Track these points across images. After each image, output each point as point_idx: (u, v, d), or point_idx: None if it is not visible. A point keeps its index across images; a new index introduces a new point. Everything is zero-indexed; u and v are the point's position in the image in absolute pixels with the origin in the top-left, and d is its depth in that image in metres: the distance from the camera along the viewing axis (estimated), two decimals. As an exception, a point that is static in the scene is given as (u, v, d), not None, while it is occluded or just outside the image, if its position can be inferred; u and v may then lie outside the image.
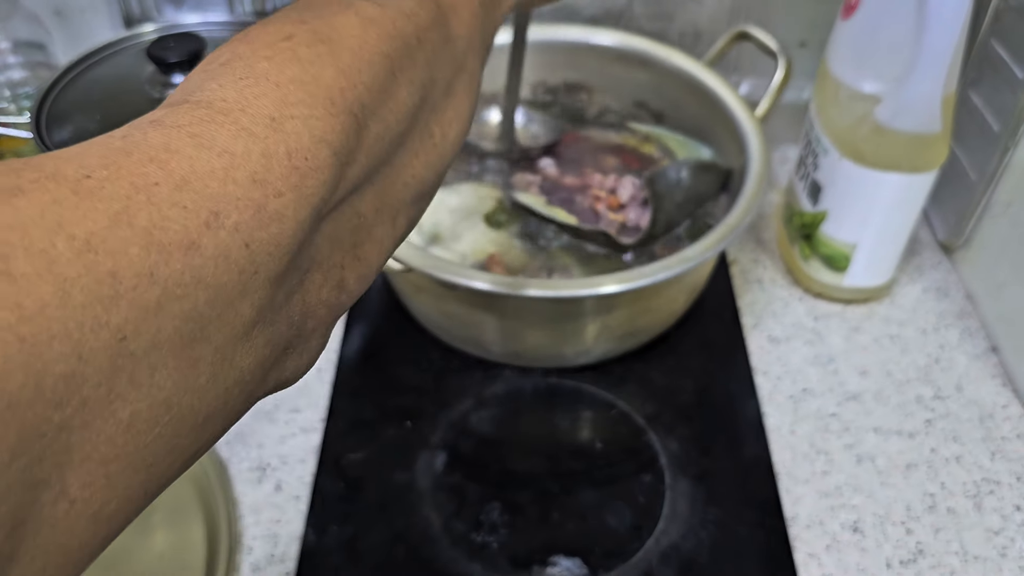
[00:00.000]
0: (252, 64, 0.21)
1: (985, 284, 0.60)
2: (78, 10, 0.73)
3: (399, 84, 0.24)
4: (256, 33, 0.23)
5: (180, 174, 0.17)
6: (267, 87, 0.20)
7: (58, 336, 0.14)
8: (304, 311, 0.22)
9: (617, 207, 0.58)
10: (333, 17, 0.23)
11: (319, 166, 0.20)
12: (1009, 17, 0.56)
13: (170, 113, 0.19)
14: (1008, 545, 0.47)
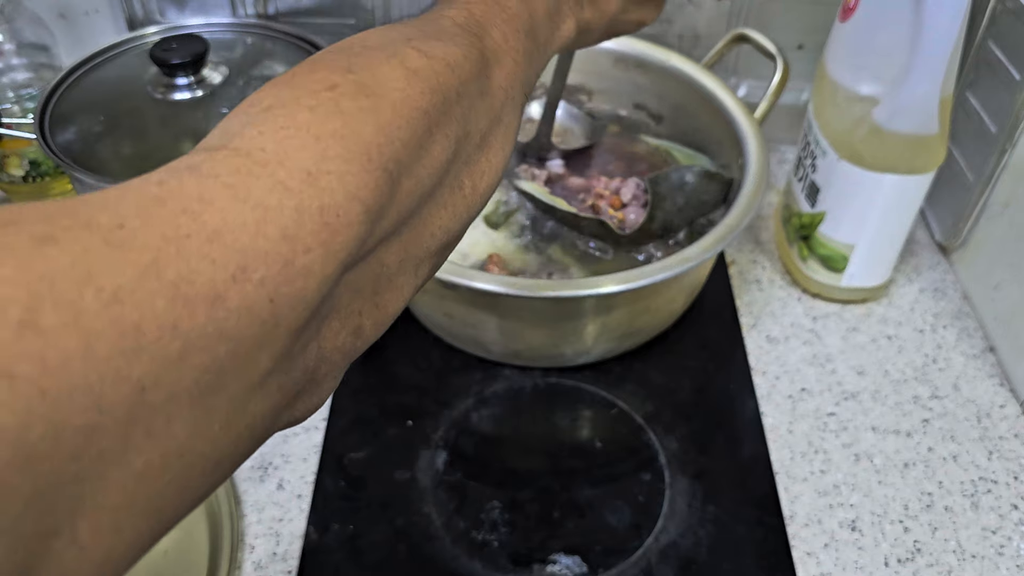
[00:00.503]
0: (294, 113, 0.21)
1: (982, 284, 0.60)
2: (82, 12, 0.74)
3: (435, 140, 0.24)
4: (302, 78, 0.22)
5: (212, 226, 0.17)
6: (307, 139, 0.20)
7: (79, 389, 0.14)
8: (319, 357, 0.22)
9: (619, 206, 0.59)
10: (379, 67, 0.23)
11: (350, 222, 0.20)
12: (1006, 19, 0.56)
13: (208, 160, 0.19)
14: (1005, 544, 0.48)
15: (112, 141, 0.59)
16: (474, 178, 0.27)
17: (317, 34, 0.67)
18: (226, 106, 0.60)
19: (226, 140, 0.20)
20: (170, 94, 0.60)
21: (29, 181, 0.65)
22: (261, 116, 0.21)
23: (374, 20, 0.71)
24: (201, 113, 0.60)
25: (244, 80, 0.62)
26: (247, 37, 0.68)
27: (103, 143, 0.58)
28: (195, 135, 0.59)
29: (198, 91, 0.60)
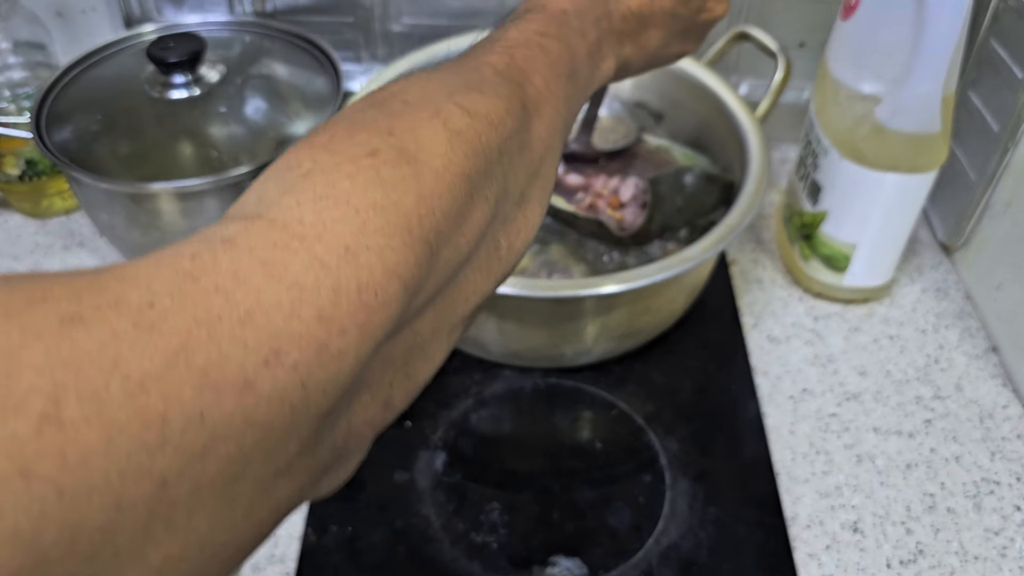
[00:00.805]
0: (334, 182, 0.20)
1: (985, 284, 0.60)
2: (78, 10, 0.73)
3: (475, 204, 0.23)
4: (342, 142, 0.21)
5: (245, 307, 0.17)
6: (346, 211, 0.19)
7: (98, 487, 0.14)
8: (348, 432, 0.21)
9: (617, 206, 0.58)
10: (420, 128, 0.22)
11: (388, 301, 0.19)
12: (1008, 17, 0.56)
13: (244, 231, 0.18)
14: (1008, 545, 0.47)
15: (109, 140, 0.58)
16: (510, 237, 0.26)
17: (315, 32, 0.67)
18: (224, 105, 0.60)
19: (262, 208, 0.19)
20: (167, 93, 0.60)
21: (25, 180, 0.64)
22: (299, 183, 0.20)
23: (372, 18, 0.70)
24: (198, 112, 0.59)
25: (242, 79, 0.62)
26: (245, 35, 0.67)
27: (100, 142, 0.58)
28: (192, 134, 0.59)
29: (195, 90, 0.60)
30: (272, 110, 0.61)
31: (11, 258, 0.64)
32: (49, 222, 0.67)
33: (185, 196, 0.55)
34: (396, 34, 0.71)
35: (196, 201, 0.56)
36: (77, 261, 0.64)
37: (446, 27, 0.69)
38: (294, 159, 0.21)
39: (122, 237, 0.60)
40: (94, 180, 0.55)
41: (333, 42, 0.66)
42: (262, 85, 0.62)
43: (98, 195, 0.57)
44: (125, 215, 0.57)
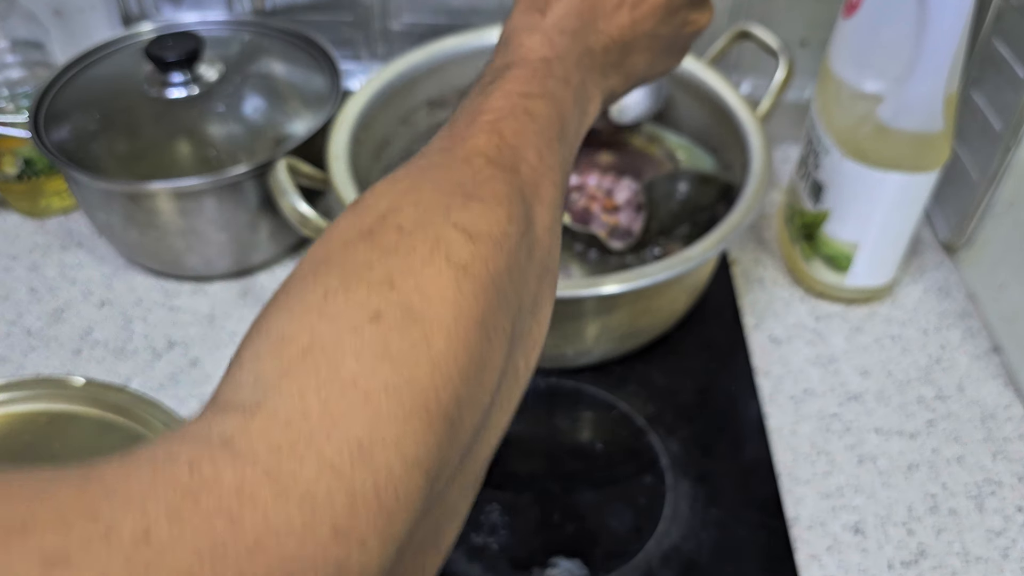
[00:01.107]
0: (338, 363, 0.18)
1: (987, 284, 0.60)
2: (76, 9, 0.73)
3: (493, 346, 0.21)
4: (337, 302, 0.19)
5: (253, 533, 0.15)
6: (355, 398, 0.17)
7: None
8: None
9: (612, 209, 0.58)
10: (422, 272, 0.20)
11: (410, 496, 0.17)
12: (1011, 16, 0.56)
13: (243, 431, 0.17)
14: (1010, 546, 0.47)
15: (107, 139, 0.58)
16: (527, 353, 0.24)
17: (314, 30, 0.66)
18: (222, 104, 0.59)
19: (260, 394, 0.17)
20: (165, 92, 0.60)
21: (23, 179, 0.64)
22: (299, 364, 0.18)
23: (371, 17, 0.70)
24: (197, 111, 0.59)
25: (240, 77, 0.62)
26: (243, 34, 0.67)
27: (98, 141, 0.58)
28: (191, 133, 0.59)
29: (194, 88, 0.60)
30: (271, 109, 0.61)
31: (9, 258, 0.64)
32: (47, 221, 0.67)
33: (183, 195, 0.55)
34: (395, 32, 0.71)
35: (194, 200, 0.56)
36: (75, 260, 0.63)
37: (446, 25, 0.69)
38: (288, 328, 0.19)
39: (120, 236, 0.60)
40: (92, 179, 0.55)
41: (332, 40, 0.66)
42: (261, 84, 0.62)
43: (96, 194, 0.57)
44: (123, 214, 0.57)
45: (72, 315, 0.59)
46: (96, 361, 0.56)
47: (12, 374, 0.55)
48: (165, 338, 0.58)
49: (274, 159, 0.54)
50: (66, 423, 0.52)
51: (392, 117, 0.62)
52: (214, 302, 0.60)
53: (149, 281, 0.62)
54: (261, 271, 0.63)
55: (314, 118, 0.60)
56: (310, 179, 0.53)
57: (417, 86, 0.62)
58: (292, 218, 0.47)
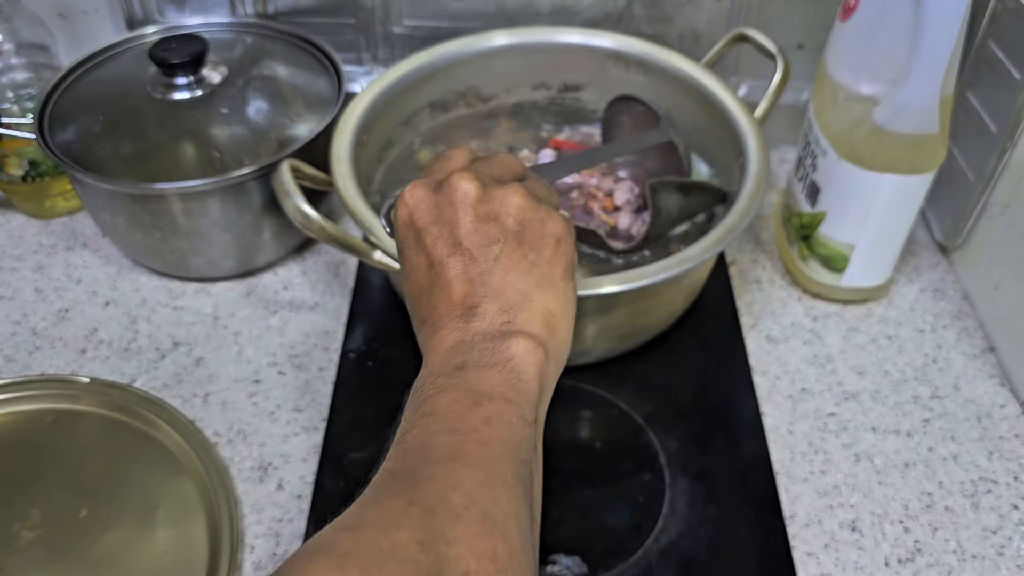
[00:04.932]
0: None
1: (982, 284, 0.60)
2: (81, 11, 0.74)
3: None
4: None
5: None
6: None
7: None
8: None
9: (611, 209, 0.58)
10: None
11: None
12: (1006, 18, 0.56)
13: None
14: (1006, 544, 0.48)
15: (111, 141, 0.59)
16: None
17: (317, 34, 0.67)
18: (226, 106, 0.60)
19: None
20: (170, 94, 0.60)
21: (28, 181, 0.65)
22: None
23: (374, 20, 0.71)
24: (201, 113, 0.60)
25: (244, 80, 0.62)
26: (247, 37, 0.68)
27: (102, 143, 0.58)
28: (195, 135, 0.59)
29: (198, 91, 0.60)
30: (274, 111, 0.61)
31: (15, 258, 0.64)
32: (52, 223, 0.67)
33: (188, 197, 0.56)
34: (397, 36, 0.71)
35: (199, 202, 0.56)
36: (80, 261, 0.64)
37: (448, 29, 0.70)
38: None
39: (125, 237, 0.61)
40: (97, 181, 0.56)
41: (334, 44, 0.67)
42: (264, 86, 0.63)
43: (101, 196, 0.58)
44: (128, 215, 0.58)
45: (77, 315, 0.60)
46: (101, 360, 0.57)
47: (18, 373, 0.56)
48: (170, 338, 0.58)
49: (277, 161, 0.54)
50: (71, 421, 0.52)
51: (394, 119, 0.62)
52: (218, 302, 0.61)
53: (154, 281, 0.62)
54: (265, 271, 0.63)
55: (317, 120, 0.60)
56: (313, 180, 0.53)
57: (419, 89, 0.63)
58: (296, 219, 0.48)
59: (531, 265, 0.36)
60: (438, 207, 0.36)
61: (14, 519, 0.47)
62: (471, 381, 0.32)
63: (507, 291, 0.35)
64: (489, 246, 0.35)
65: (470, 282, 0.35)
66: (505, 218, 0.35)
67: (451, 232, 0.35)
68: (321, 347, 0.58)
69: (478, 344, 0.34)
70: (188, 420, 0.51)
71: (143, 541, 0.47)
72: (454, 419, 0.31)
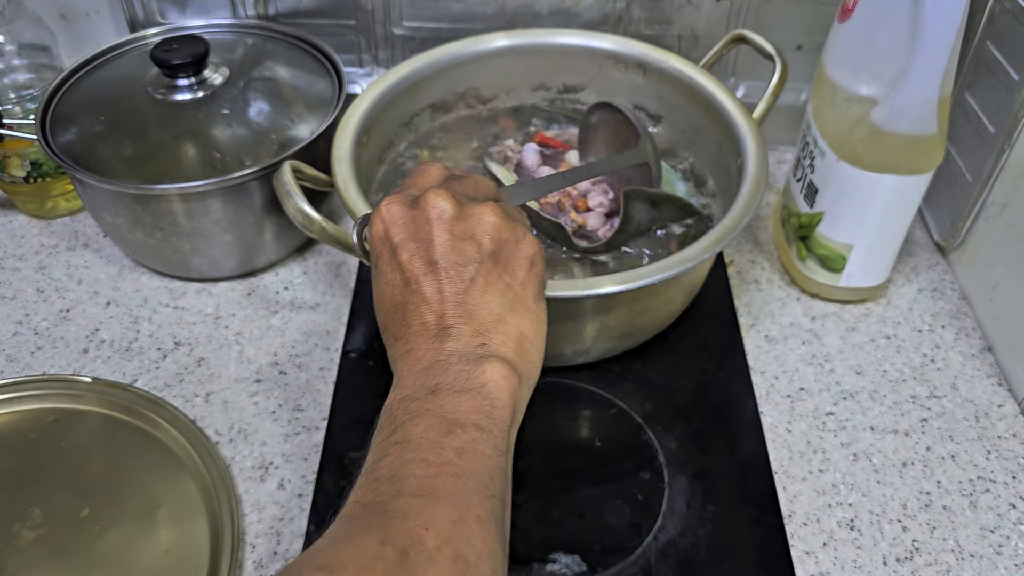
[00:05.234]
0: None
1: (980, 284, 0.60)
2: (82, 13, 0.74)
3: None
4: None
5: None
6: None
7: None
8: None
9: (583, 209, 0.58)
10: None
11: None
12: (1004, 19, 0.56)
13: None
14: (1003, 543, 0.48)
15: (113, 142, 0.59)
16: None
17: (317, 35, 0.67)
18: (227, 107, 0.60)
19: None
20: (171, 95, 0.60)
21: (30, 181, 0.65)
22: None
23: (374, 22, 0.71)
24: (202, 114, 0.60)
25: (245, 81, 0.63)
26: (247, 38, 0.68)
27: (104, 144, 0.59)
28: (196, 135, 0.59)
29: (199, 92, 0.61)
30: (275, 112, 0.61)
31: (16, 259, 0.64)
32: (54, 223, 0.68)
33: (189, 197, 0.56)
34: (398, 37, 0.71)
35: (200, 202, 0.57)
36: (82, 262, 0.64)
37: (448, 30, 0.70)
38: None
39: (126, 238, 0.61)
40: (98, 181, 0.56)
41: (335, 45, 0.67)
42: (265, 87, 0.63)
43: (102, 196, 0.58)
44: (129, 216, 0.58)
45: (79, 315, 0.60)
46: (102, 360, 0.57)
47: (20, 373, 0.56)
48: (171, 338, 0.58)
49: (279, 161, 0.54)
50: (73, 421, 0.53)
51: (394, 120, 0.62)
52: (219, 302, 0.61)
53: (155, 281, 0.62)
54: (266, 272, 0.63)
55: (317, 121, 0.61)
56: (314, 181, 0.54)
57: (419, 90, 0.63)
58: (297, 219, 0.48)
59: (505, 287, 0.36)
60: (415, 223, 0.36)
61: (16, 518, 0.48)
62: (445, 407, 0.32)
63: (482, 313, 0.35)
64: (465, 266, 0.35)
65: (445, 302, 0.35)
66: (481, 237, 0.36)
67: (427, 250, 0.35)
68: (322, 347, 0.58)
69: (453, 366, 0.34)
70: (189, 419, 0.52)
71: (144, 540, 0.47)
72: (428, 449, 0.31)
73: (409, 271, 0.35)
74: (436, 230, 0.35)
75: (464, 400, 0.33)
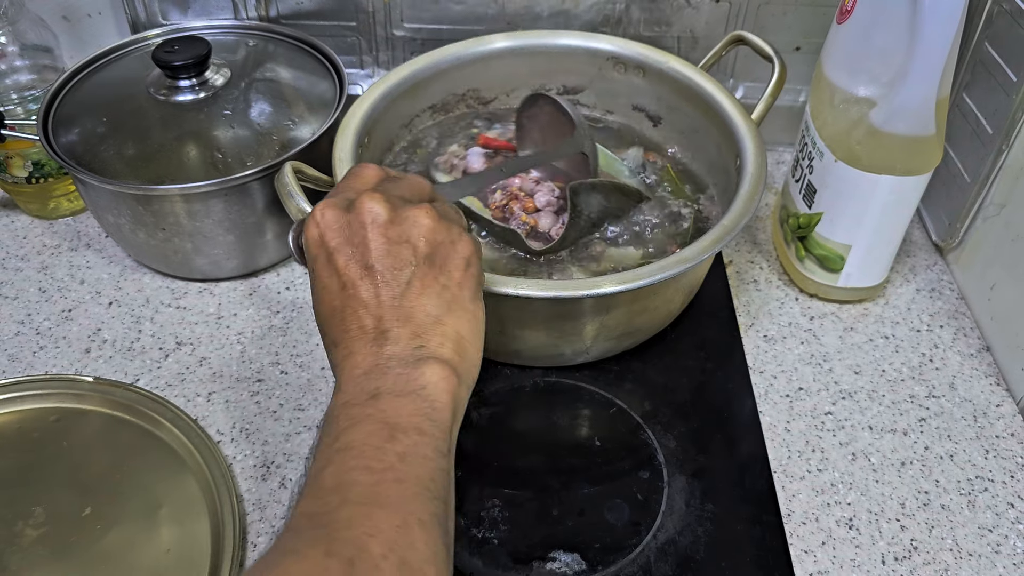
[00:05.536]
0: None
1: (978, 284, 0.61)
2: (84, 14, 0.74)
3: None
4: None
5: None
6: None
7: None
8: None
9: (532, 210, 0.58)
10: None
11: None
12: (1002, 20, 0.57)
13: None
14: (1002, 542, 0.48)
15: (115, 143, 0.59)
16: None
17: (318, 36, 0.68)
18: (228, 108, 0.61)
19: None
20: (173, 96, 0.61)
21: (33, 182, 0.65)
22: None
23: (375, 23, 0.71)
24: (203, 115, 0.60)
25: (246, 82, 0.63)
26: (249, 39, 0.68)
27: (106, 144, 0.59)
28: (197, 136, 0.60)
29: (200, 93, 0.61)
30: (276, 113, 0.62)
31: (19, 259, 0.65)
32: (56, 223, 0.68)
33: (190, 198, 0.56)
34: (399, 38, 0.72)
35: (201, 203, 0.57)
36: (84, 262, 0.64)
37: (448, 31, 0.70)
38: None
39: (128, 238, 0.61)
40: (100, 182, 0.56)
41: (336, 46, 0.67)
42: (266, 88, 0.63)
43: (104, 196, 0.58)
44: (131, 216, 0.58)
45: (81, 315, 0.60)
46: (105, 360, 0.57)
47: (23, 373, 0.56)
48: (173, 337, 0.59)
49: (280, 162, 0.55)
50: (75, 420, 0.53)
51: (395, 121, 0.63)
52: (221, 302, 0.61)
53: (157, 281, 0.63)
54: (267, 272, 0.64)
55: (319, 122, 0.61)
56: (315, 182, 0.54)
57: (420, 91, 0.63)
58: (298, 220, 0.48)
59: (442, 288, 0.36)
60: (350, 227, 0.36)
61: (18, 517, 0.48)
62: (387, 412, 0.33)
63: (419, 315, 0.35)
64: (401, 269, 0.35)
65: (382, 306, 0.35)
66: (416, 240, 0.36)
67: (363, 254, 0.35)
68: (323, 347, 0.58)
69: (392, 370, 0.34)
70: (191, 419, 0.52)
71: (146, 539, 0.47)
72: (370, 455, 0.31)
73: (346, 276, 0.36)
74: (371, 234, 0.35)
75: (404, 404, 0.33)
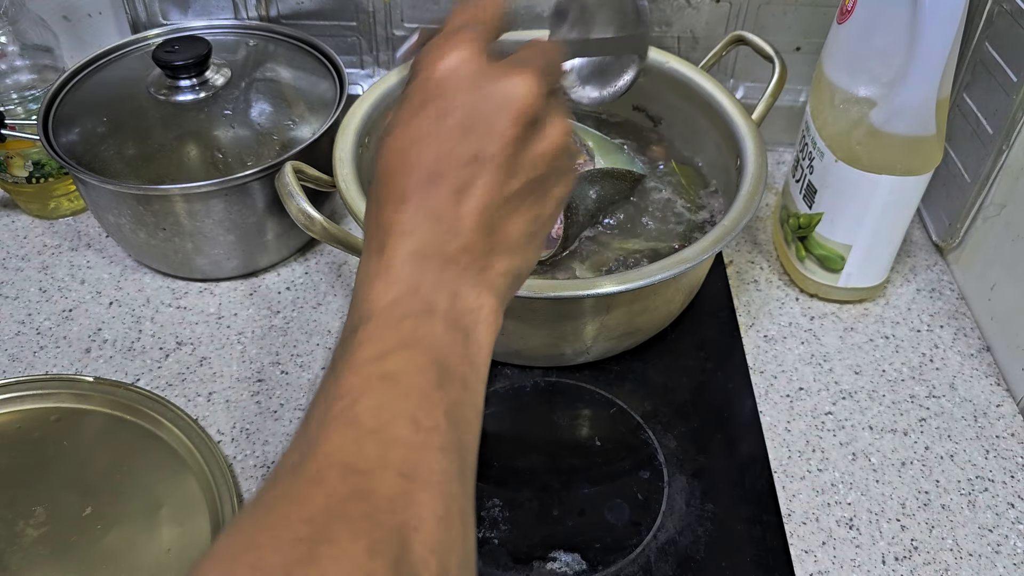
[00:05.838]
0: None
1: (978, 284, 0.61)
2: (85, 14, 0.74)
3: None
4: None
5: None
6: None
7: None
8: None
9: None
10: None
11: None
12: (1003, 21, 0.57)
13: None
14: (1002, 542, 0.48)
15: (115, 142, 0.59)
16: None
17: (318, 36, 0.68)
18: (229, 108, 0.61)
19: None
20: (173, 96, 0.61)
21: (33, 182, 0.65)
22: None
23: (375, 23, 0.71)
24: (204, 115, 0.60)
25: (246, 82, 0.63)
26: (249, 39, 0.68)
27: (106, 144, 0.59)
28: (198, 136, 0.60)
29: (201, 93, 0.61)
30: (276, 113, 0.62)
31: (19, 259, 0.65)
32: (56, 223, 0.68)
33: (191, 197, 0.56)
34: (399, 38, 0.72)
35: (202, 202, 0.57)
36: (84, 262, 0.64)
37: (448, 31, 0.70)
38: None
39: (128, 238, 0.61)
40: (101, 182, 0.56)
41: (336, 46, 0.67)
42: (266, 88, 0.63)
43: (105, 196, 0.58)
44: (131, 216, 0.58)
45: (81, 315, 0.60)
46: (105, 360, 0.57)
47: (23, 372, 0.56)
48: (173, 337, 0.59)
49: (280, 162, 0.55)
50: (76, 420, 0.53)
51: (395, 121, 0.63)
52: (221, 302, 0.61)
53: (157, 281, 0.63)
54: (268, 272, 0.64)
55: (319, 122, 0.61)
56: (316, 182, 0.54)
57: (419, 90, 0.63)
58: (299, 220, 0.48)
59: (534, 218, 0.30)
60: (482, 92, 0.28)
61: (19, 517, 0.48)
62: (436, 344, 0.26)
63: (506, 229, 0.29)
64: (513, 177, 0.29)
65: (478, 210, 0.28)
66: (542, 156, 0.29)
67: (485, 135, 0.28)
68: (324, 346, 0.58)
69: (452, 280, 0.28)
70: (192, 419, 0.52)
71: (147, 539, 0.47)
72: (416, 403, 0.25)
73: (448, 146, 0.28)
74: (505, 124, 0.28)
75: (454, 340, 0.27)
